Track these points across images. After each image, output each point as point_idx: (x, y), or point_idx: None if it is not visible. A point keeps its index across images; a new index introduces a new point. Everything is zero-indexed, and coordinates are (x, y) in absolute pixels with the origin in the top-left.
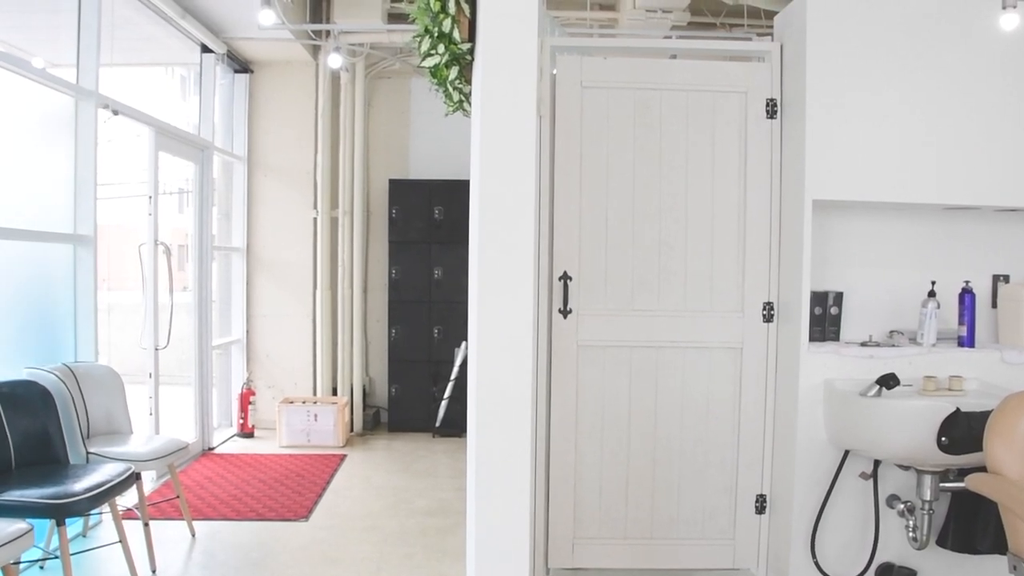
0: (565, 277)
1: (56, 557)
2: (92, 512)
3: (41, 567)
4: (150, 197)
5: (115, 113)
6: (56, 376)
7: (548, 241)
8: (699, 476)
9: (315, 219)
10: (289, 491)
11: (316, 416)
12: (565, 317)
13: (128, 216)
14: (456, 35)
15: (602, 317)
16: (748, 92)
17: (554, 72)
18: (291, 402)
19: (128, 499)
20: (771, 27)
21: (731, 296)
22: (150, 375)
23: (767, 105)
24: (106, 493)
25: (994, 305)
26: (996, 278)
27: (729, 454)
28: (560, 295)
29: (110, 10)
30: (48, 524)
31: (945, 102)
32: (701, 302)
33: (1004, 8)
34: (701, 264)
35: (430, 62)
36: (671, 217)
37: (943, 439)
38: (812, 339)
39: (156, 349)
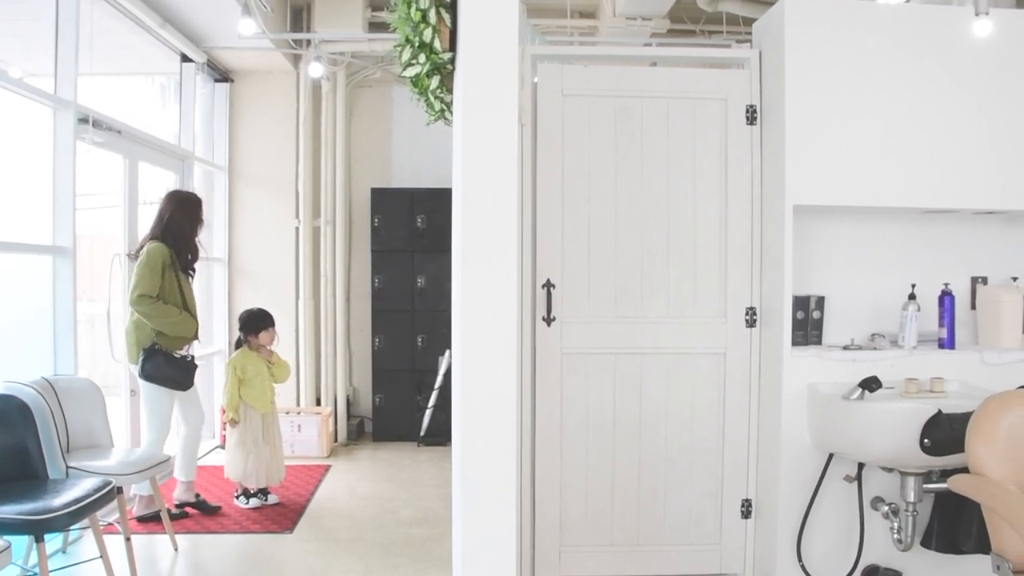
0: (548, 285)
1: (35, 574)
2: (72, 527)
3: None
4: (126, 208)
5: (93, 124)
6: (35, 390)
7: (531, 249)
8: (685, 482)
9: (297, 228)
10: (273, 503)
11: (300, 427)
12: (549, 325)
13: (110, 226)
14: (437, 45)
15: (585, 324)
16: (728, 99)
17: (535, 80)
18: None
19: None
20: (750, 34)
21: (714, 302)
22: (132, 392)
23: (747, 111)
24: (86, 508)
25: (973, 307)
26: (975, 280)
27: (714, 459)
28: (543, 303)
29: (88, 19)
30: (27, 540)
31: (922, 107)
32: (684, 308)
33: (977, 15)
34: (683, 270)
35: (411, 72)
36: (653, 224)
37: (925, 441)
38: (795, 343)
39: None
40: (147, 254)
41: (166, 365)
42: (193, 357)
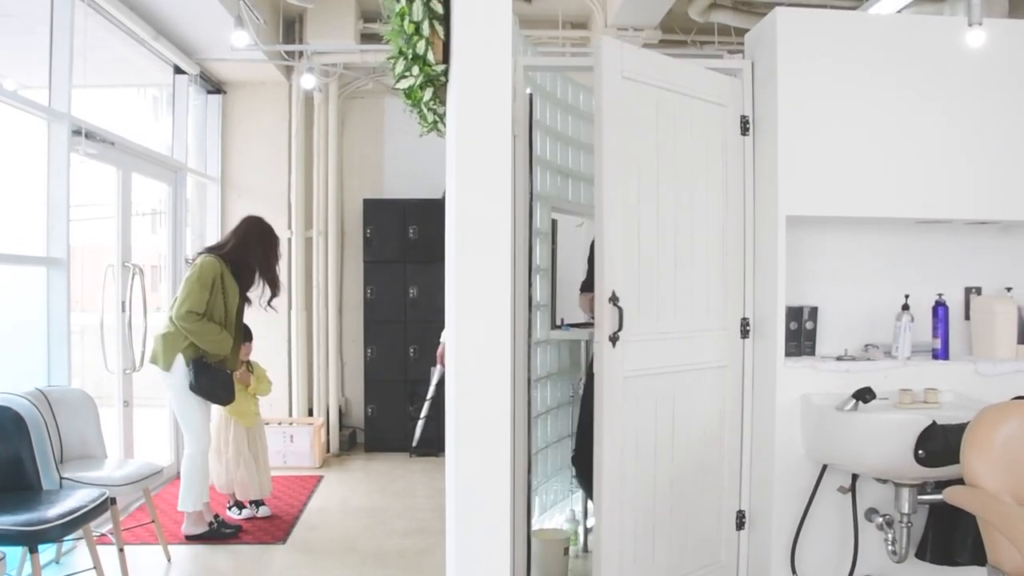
0: (614, 299)
1: None
2: (66, 538)
3: None
4: (119, 219)
5: (87, 136)
6: (29, 401)
7: (525, 261)
8: (696, 501)
9: (289, 239)
10: (263, 515)
11: (292, 437)
12: (614, 345)
13: (104, 237)
14: (430, 57)
15: (639, 343)
16: (729, 106)
17: (529, 92)
18: (267, 423)
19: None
20: (741, 44)
21: (719, 314)
22: (125, 403)
23: (741, 122)
24: (80, 519)
25: (967, 317)
26: (968, 290)
27: (715, 474)
28: (614, 319)
29: (82, 32)
30: (20, 551)
31: (915, 117)
32: (697, 321)
33: (970, 25)
34: (698, 282)
35: (404, 84)
36: (684, 232)
37: (920, 452)
38: (788, 354)
39: (125, 372)
40: (199, 267)
41: (215, 379)
42: (232, 371)
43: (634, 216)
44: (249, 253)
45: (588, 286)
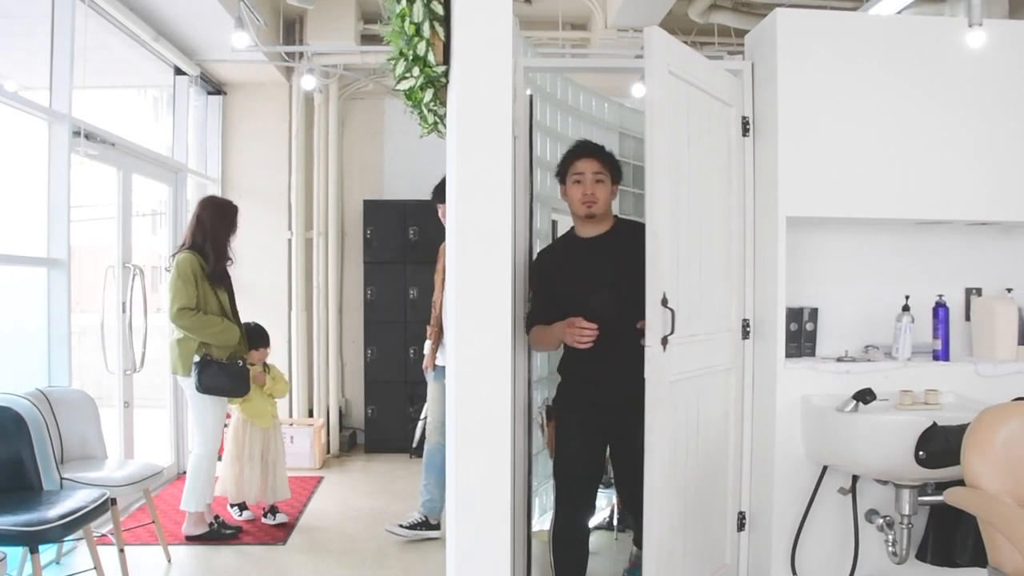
0: (665, 301)
1: None
2: (66, 539)
3: None
4: (120, 220)
5: (88, 137)
6: (29, 401)
7: (517, 263)
8: (709, 502)
9: (290, 240)
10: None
11: (292, 438)
12: (664, 349)
13: (104, 237)
14: (431, 58)
15: (680, 346)
16: (733, 106)
17: (529, 93)
18: None
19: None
20: (742, 45)
21: (726, 315)
22: (126, 404)
23: (741, 122)
24: (80, 519)
25: (968, 318)
26: (969, 291)
27: (722, 476)
28: (666, 322)
29: (83, 33)
30: (21, 551)
31: (915, 118)
32: (714, 323)
33: (971, 26)
34: (716, 283)
35: (405, 85)
36: (706, 233)
37: (920, 453)
38: (788, 355)
39: (126, 372)
40: (176, 266)
41: (220, 374)
42: (244, 361)
43: (673, 217)
44: (207, 237)
45: (538, 317)
